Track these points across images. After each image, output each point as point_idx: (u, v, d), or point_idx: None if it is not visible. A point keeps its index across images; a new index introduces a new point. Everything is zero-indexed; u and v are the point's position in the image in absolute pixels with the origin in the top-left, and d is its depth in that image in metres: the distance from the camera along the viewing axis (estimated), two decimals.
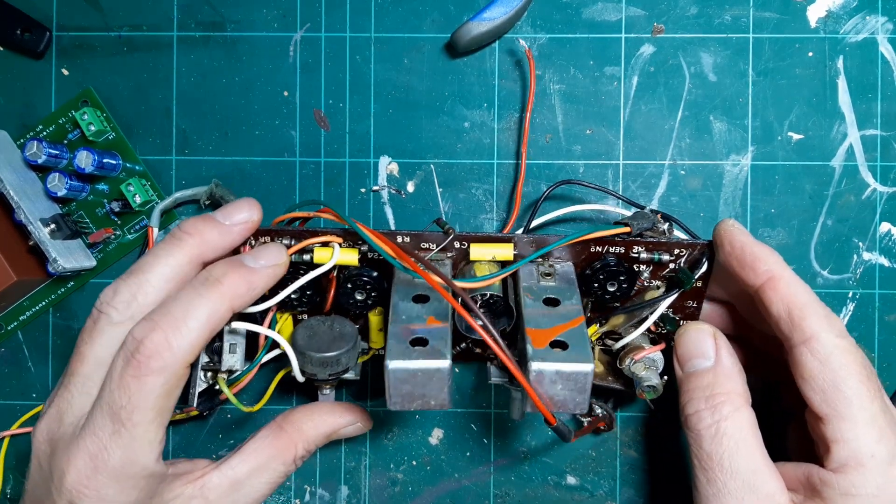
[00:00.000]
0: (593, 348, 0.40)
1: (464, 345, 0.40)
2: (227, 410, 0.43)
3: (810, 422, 0.32)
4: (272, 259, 0.33)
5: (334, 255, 0.35)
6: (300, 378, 0.36)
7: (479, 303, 0.35)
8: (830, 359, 0.30)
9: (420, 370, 0.30)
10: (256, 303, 0.35)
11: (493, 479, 0.43)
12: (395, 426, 0.43)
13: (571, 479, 0.42)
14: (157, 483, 0.32)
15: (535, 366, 0.30)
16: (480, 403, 0.43)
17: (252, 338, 0.38)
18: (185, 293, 0.31)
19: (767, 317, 0.32)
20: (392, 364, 0.30)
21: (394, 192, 0.42)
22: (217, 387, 0.37)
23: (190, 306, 0.30)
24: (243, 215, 0.34)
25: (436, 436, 0.43)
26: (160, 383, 0.30)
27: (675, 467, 0.42)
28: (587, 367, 0.30)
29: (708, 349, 0.33)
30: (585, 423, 0.41)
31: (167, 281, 0.32)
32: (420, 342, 0.31)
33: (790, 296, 0.31)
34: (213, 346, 0.38)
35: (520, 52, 0.41)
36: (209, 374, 0.38)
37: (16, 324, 0.43)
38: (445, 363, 0.30)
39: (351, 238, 0.35)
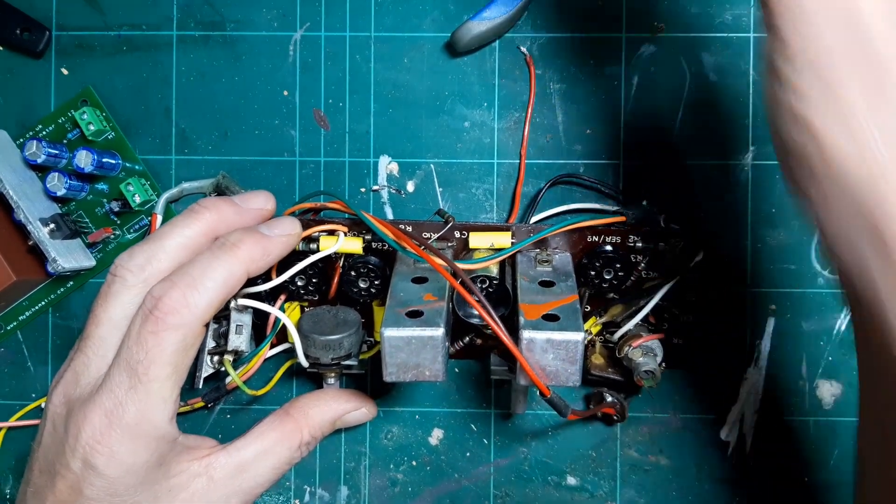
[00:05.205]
0: (593, 343, 0.40)
1: (466, 339, 0.40)
2: (226, 410, 0.43)
3: None
4: (286, 229, 0.35)
5: (338, 242, 0.36)
6: (304, 362, 0.36)
7: (479, 288, 0.35)
8: None
9: (414, 338, 0.31)
10: (263, 283, 0.36)
11: (493, 479, 0.43)
12: (395, 426, 0.43)
13: (571, 480, 0.42)
14: (168, 449, 0.32)
15: (526, 334, 0.30)
16: (480, 403, 0.43)
17: (259, 326, 0.39)
18: (203, 256, 0.32)
19: None
20: (387, 332, 0.31)
21: (394, 191, 0.42)
22: (223, 369, 0.37)
23: (208, 268, 0.31)
24: (259, 201, 0.36)
25: (436, 436, 0.43)
26: (177, 339, 0.30)
27: (675, 467, 0.42)
28: (578, 336, 0.30)
29: None
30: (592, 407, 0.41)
31: (182, 249, 0.33)
32: (416, 314, 0.32)
33: None
34: (221, 331, 0.38)
35: (519, 52, 0.41)
36: (216, 358, 0.38)
37: (15, 324, 0.43)
38: (439, 331, 0.30)
39: (356, 228, 0.37)
